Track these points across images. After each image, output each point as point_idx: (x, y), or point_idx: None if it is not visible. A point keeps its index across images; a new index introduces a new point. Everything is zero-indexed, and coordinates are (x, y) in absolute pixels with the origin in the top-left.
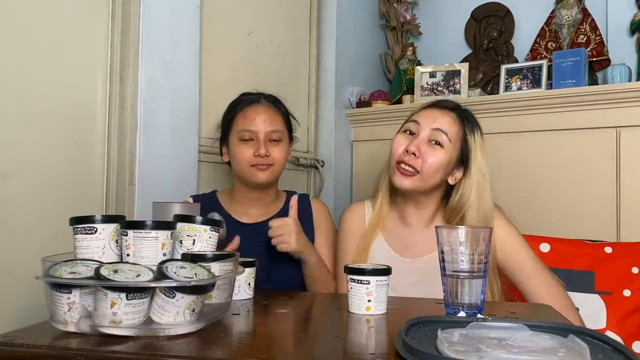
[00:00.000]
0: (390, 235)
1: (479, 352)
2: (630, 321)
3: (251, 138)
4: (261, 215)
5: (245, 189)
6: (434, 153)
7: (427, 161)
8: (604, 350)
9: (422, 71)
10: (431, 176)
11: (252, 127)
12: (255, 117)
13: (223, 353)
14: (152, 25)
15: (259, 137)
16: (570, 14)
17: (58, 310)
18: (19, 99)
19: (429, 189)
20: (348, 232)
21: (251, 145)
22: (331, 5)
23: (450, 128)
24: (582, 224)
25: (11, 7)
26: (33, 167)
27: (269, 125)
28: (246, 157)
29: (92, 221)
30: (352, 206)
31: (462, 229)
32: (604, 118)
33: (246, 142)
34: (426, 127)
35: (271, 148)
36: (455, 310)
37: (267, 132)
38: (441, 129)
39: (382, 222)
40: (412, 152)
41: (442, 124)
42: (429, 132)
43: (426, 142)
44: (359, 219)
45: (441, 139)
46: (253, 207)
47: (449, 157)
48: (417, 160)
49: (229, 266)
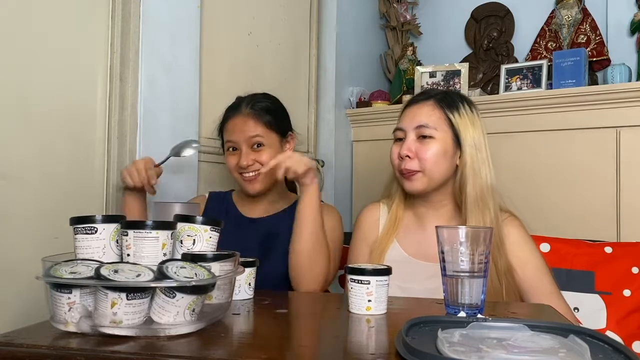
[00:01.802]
0: (406, 239)
1: (479, 353)
2: (630, 321)
3: (234, 147)
4: (263, 212)
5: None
6: (427, 147)
7: (423, 157)
8: (604, 350)
9: (422, 71)
10: (434, 169)
11: (234, 138)
12: (235, 126)
13: (223, 353)
14: (152, 25)
15: (241, 147)
16: (570, 14)
17: (58, 310)
18: (19, 98)
19: (441, 183)
20: (362, 238)
21: (236, 154)
22: (331, 5)
23: (431, 117)
24: (582, 224)
25: (11, 7)
26: (33, 167)
27: (247, 133)
28: (233, 167)
29: (92, 221)
30: (367, 209)
31: (462, 229)
32: (604, 118)
33: (232, 151)
34: (409, 128)
35: (255, 155)
36: (455, 311)
37: (246, 140)
38: (422, 124)
39: (396, 229)
40: (405, 156)
41: (421, 118)
42: (413, 132)
43: (415, 141)
44: (373, 224)
45: (427, 132)
46: (258, 205)
47: (443, 144)
48: (413, 161)
49: (229, 266)
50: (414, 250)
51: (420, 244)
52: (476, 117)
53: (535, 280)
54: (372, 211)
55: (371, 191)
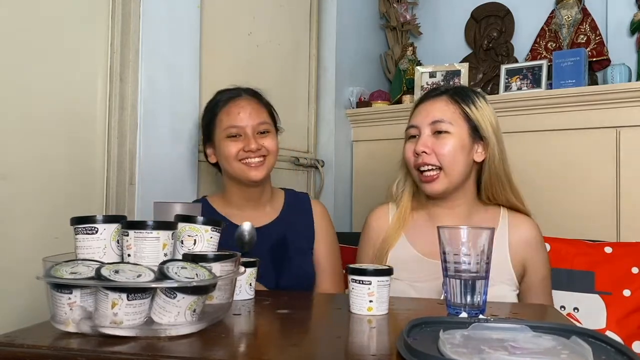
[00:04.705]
0: (417, 238)
1: (481, 354)
2: (630, 321)
3: (239, 134)
4: (261, 219)
5: (239, 189)
6: (444, 142)
7: (441, 152)
8: (606, 351)
9: (422, 71)
10: (453, 165)
11: (238, 122)
12: (240, 111)
13: (224, 354)
14: (152, 25)
15: (246, 131)
16: (570, 14)
17: (59, 310)
18: (19, 99)
19: (460, 182)
20: (369, 241)
21: (240, 141)
22: (331, 5)
23: (446, 112)
24: (582, 224)
25: (11, 7)
26: (33, 167)
27: (255, 118)
28: (234, 153)
29: (93, 221)
30: (375, 211)
31: (464, 229)
32: (603, 118)
33: (234, 138)
34: (424, 124)
35: (261, 140)
36: (457, 311)
37: (254, 125)
38: (437, 119)
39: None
40: (422, 152)
41: (435, 114)
42: (428, 128)
43: (431, 137)
44: (380, 228)
45: (443, 127)
46: (250, 209)
47: (460, 138)
48: (431, 156)
49: (230, 266)
50: (427, 249)
51: (434, 243)
52: (492, 109)
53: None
54: (381, 214)
55: (371, 191)
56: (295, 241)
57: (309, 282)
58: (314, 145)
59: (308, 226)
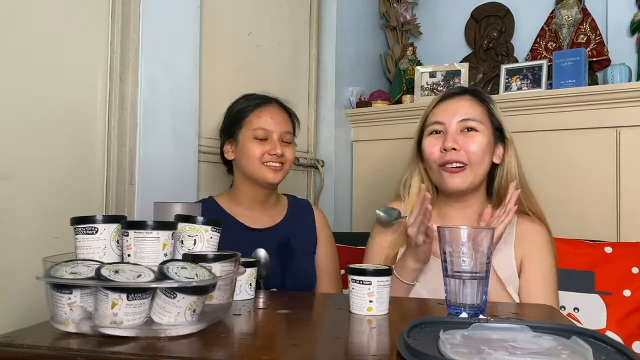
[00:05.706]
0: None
1: (481, 354)
2: (630, 321)
3: (265, 137)
4: (268, 221)
5: (251, 190)
6: (474, 140)
7: (471, 150)
8: (607, 352)
9: (422, 71)
10: (480, 163)
11: (268, 127)
12: (271, 117)
13: (224, 354)
14: (152, 25)
15: (272, 137)
16: (570, 14)
17: (59, 310)
18: (19, 99)
19: (480, 181)
20: (378, 244)
21: (265, 144)
22: (331, 5)
23: (475, 111)
24: (582, 224)
25: (11, 7)
26: (33, 167)
27: (284, 127)
28: (258, 155)
29: (93, 221)
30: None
31: (464, 229)
32: (604, 118)
33: (260, 141)
34: (452, 121)
35: (284, 148)
36: (457, 311)
37: (281, 132)
38: (468, 117)
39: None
40: (451, 148)
41: (465, 112)
42: (456, 125)
43: (459, 134)
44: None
45: (472, 124)
46: (257, 210)
47: (487, 138)
48: (460, 153)
49: (230, 266)
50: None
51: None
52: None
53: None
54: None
55: (371, 191)
56: (299, 244)
57: (312, 283)
58: (313, 145)
59: (310, 231)
